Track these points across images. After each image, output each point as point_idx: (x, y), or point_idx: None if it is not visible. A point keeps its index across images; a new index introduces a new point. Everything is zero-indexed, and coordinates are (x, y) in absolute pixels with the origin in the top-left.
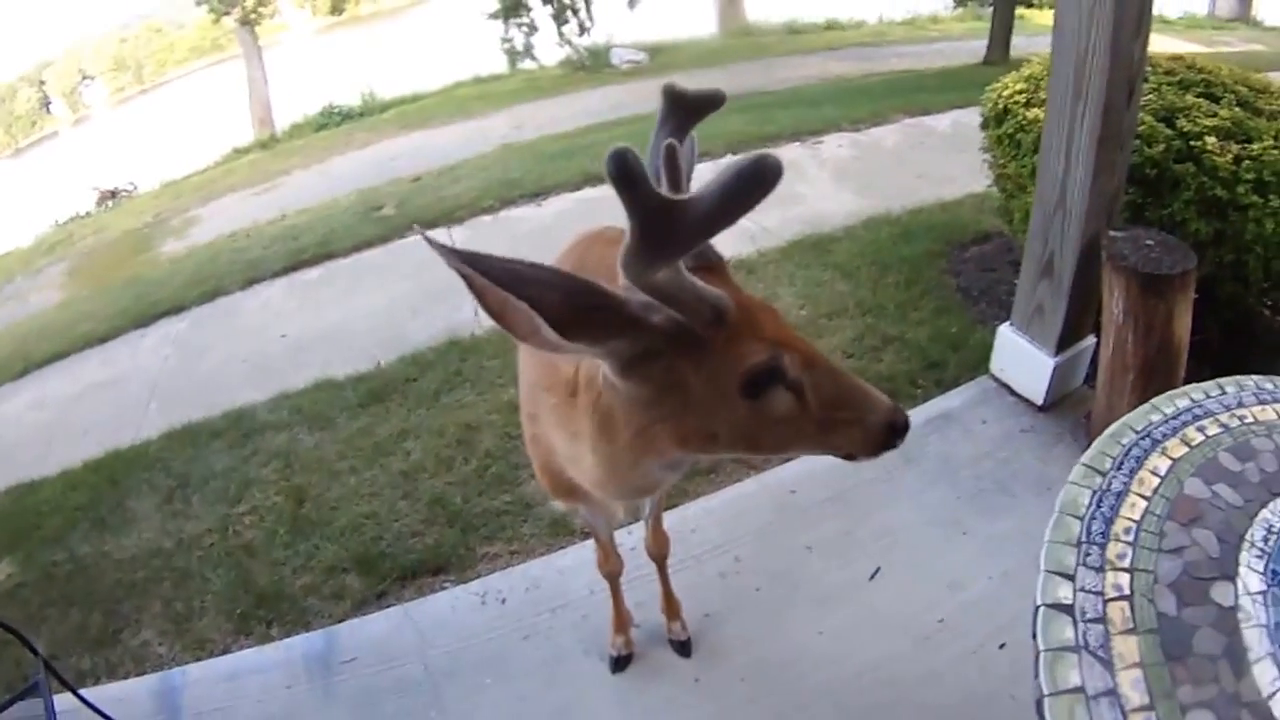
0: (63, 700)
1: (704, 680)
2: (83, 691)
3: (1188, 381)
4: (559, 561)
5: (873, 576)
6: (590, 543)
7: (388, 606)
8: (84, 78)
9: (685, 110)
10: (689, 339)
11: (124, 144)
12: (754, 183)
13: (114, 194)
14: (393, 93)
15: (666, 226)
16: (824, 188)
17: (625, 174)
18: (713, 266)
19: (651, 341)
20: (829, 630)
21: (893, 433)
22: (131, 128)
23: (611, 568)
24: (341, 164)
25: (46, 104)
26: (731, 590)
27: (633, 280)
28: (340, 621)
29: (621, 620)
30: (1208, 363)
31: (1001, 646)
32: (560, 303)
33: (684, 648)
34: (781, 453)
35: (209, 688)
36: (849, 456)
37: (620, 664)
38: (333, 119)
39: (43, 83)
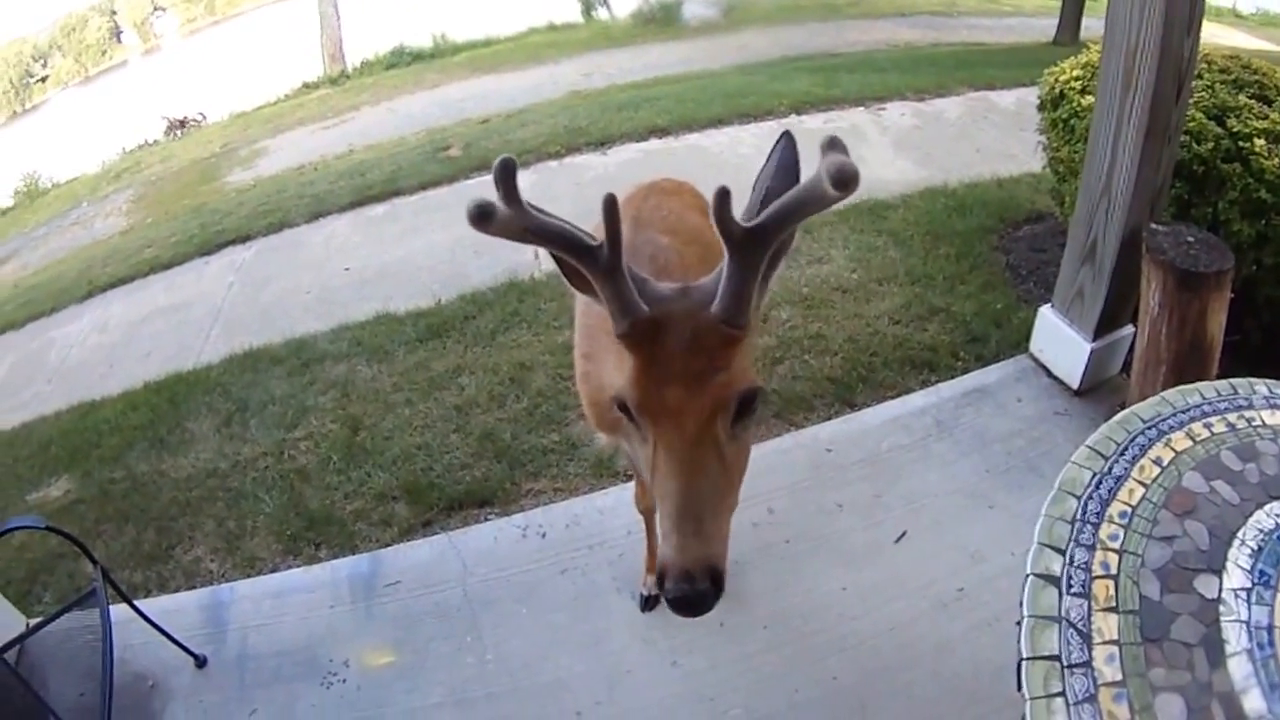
0: (114, 611)
1: (728, 625)
2: (135, 603)
3: (1221, 380)
4: (600, 501)
5: (898, 540)
6: (630, 485)
7: (433, 535)
8: (155, 8)
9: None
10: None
11: (194, 75)
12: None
13: (183, 123)
14: (465, 36)
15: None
16: (884, 154)
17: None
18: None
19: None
20: (852, 587)
21: (662, 575)
22: (202, 59)
23: (648, 504)
24: (410, 103)
25: (117, 33)
26: (762, 540)
27: None
28: (386, 546)
29: (654, 559)
30: (1246, 363)
31: (1018, 623)
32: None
33: None
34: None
35: (256, 604)
36: None
37: (650, 603)
38: (403, 59)
39: (114, 12)
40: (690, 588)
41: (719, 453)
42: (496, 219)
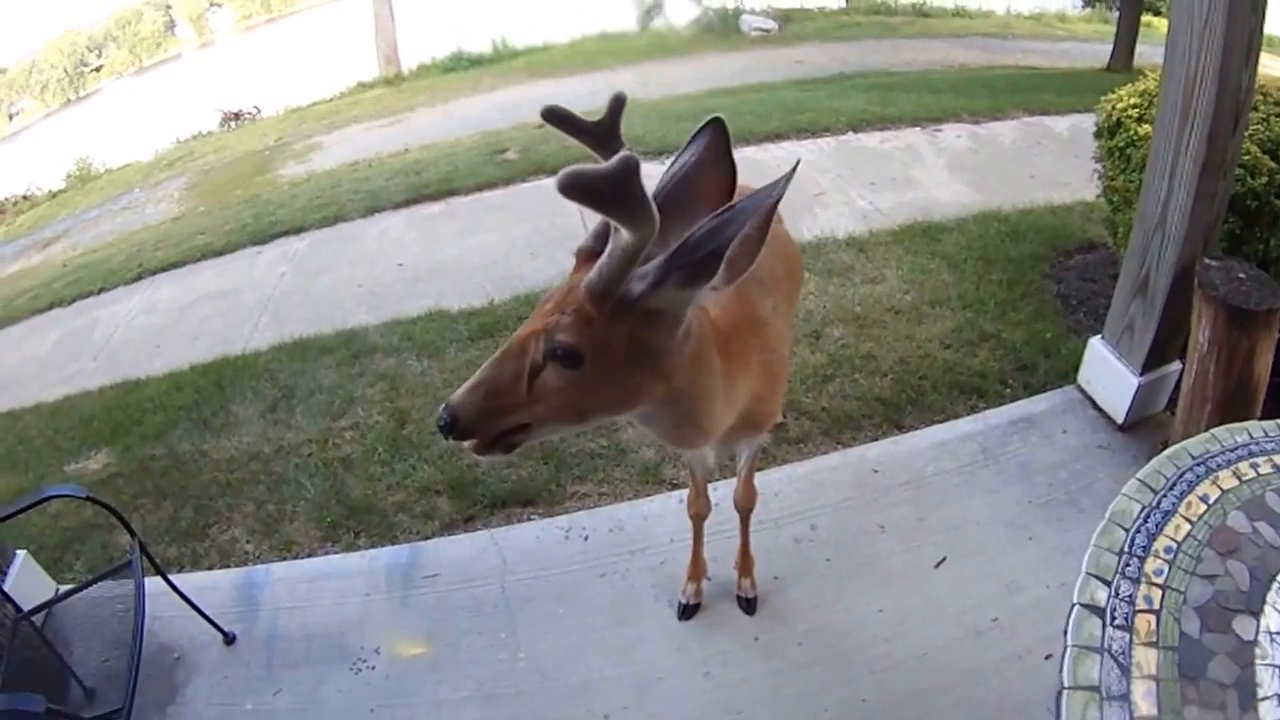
0: (146, 584)
1: (763, 639)
2: (169, 576)
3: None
4: (645, 507)
5: (938, 565)
6: (676, 494)
7: (475, 531)
8: (211, 4)
9: None
10: None
11: (248, 70)
12: None
13: (238, 116)
14: (524, 42)
15: None
16: (939, 176)
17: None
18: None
19: None
20: (888, 610)
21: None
22: (256, 55)
23: (699, 509)
24: (467, 106)
25: (172, 27)
26: (803, 557)
27: None
28: (427, 539)
29: (697, 568)
30: None
31: (1047, 658)
32: None
33: (750, 605)
34: None
35: (290, 586)
36: None
37: (688, 612)
38: (461, 63)
39: (168, 7)
40: (441, 409)
41: (521, 361)
42: (567, 120)
